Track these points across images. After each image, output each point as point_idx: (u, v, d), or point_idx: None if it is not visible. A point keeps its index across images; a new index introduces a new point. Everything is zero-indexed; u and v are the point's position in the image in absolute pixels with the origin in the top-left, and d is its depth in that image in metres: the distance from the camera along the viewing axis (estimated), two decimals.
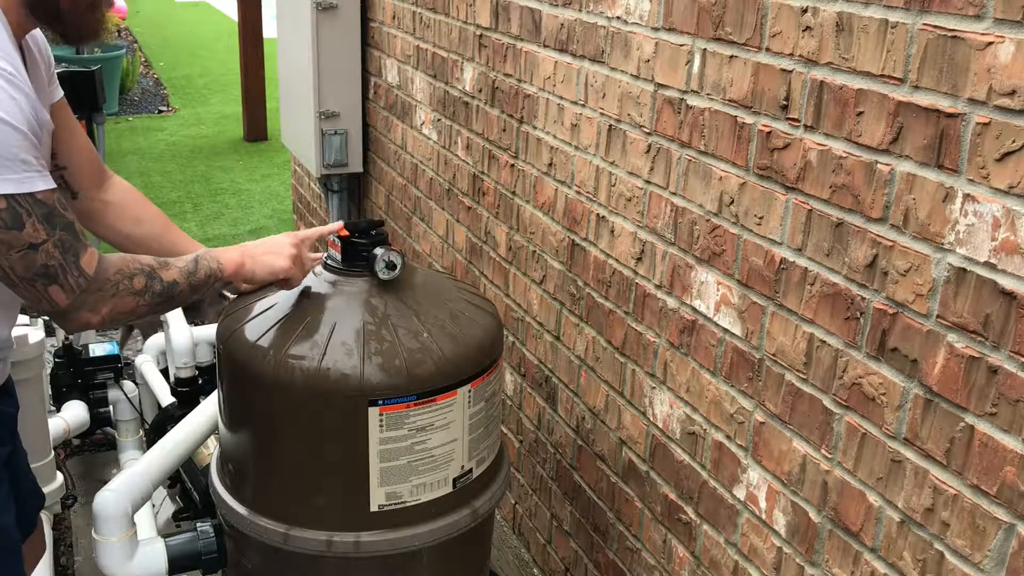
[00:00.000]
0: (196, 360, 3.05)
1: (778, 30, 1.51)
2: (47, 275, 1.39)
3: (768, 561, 1.65)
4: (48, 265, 1.38)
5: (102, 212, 1.84)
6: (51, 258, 1.38)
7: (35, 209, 1.35)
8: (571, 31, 2.13)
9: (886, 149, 1.33)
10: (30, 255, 1.36)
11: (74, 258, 1.41)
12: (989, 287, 1.20)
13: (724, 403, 1.74)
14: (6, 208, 1.32)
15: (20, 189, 1.33)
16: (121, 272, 1.48)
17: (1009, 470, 1.19)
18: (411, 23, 3.15)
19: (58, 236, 1.38)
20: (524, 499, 2.65)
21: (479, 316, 1.81)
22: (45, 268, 1.38)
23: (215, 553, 1.89)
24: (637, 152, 1.93)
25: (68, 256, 1.40)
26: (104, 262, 1.47)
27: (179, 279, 1.56)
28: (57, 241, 1.38)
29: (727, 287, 1.70)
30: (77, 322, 1.47)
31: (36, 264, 1.37)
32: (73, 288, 1.42)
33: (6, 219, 1.33)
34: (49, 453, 2.79)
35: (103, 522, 1.84)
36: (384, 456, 1.65)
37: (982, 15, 1.18)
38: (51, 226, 1.37)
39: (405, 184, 3.39)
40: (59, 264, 1.39)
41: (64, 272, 1.40)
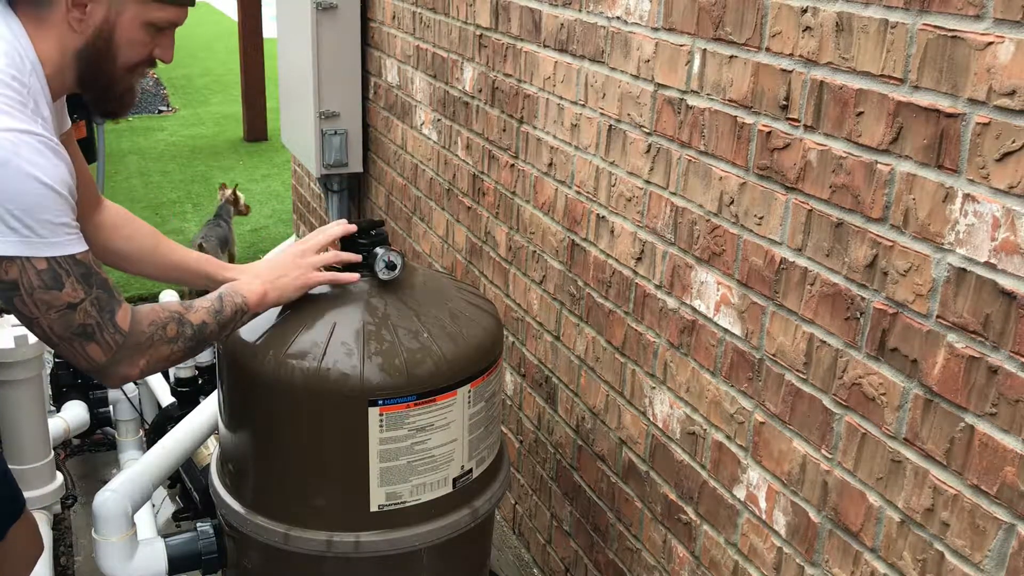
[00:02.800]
0: (196, 360, 3.06)
1: (778, 30, 1.51)
2: (84, 334, 1.42)
3: (768, 561, 1.65)
4: (86, 324, 1.41)
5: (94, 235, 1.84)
6: (88, 317, 1.41)
7: (74, 270, 1.38)
8: (571, 31, 2.13)
9: (886, 149, 1.34)
10: (68, 315, 1.40)
11: (110, 315, 1.44)
12: (989, 287, 1.20)
13: (724, 403, 1.74)
14: (46, 269, 1.36)
15: (61, 252, 1.36)
16: (154, 323, 1.50)
17: (1009, 470, 1.19)
18: (411, 23, 3.15)
19: (95, 295, 1.42)
20: (524, 499, 2.65)
21: (479, 316, 1.81)
22: (83, 327, 1.41)
23: (215, 553, 1.89)
24: (637, 152, 1.93)
25: (104, 314, 1.43)
26: (137, 315, 1.49)
27: (207, 319, 1.58)
28: (94, 299, 1.41)
29: (727, 287, 1.70)
30: (117, 377, 1.49)
31: (74, 323, 1.40)
32: (110, 344, 1.44)
33: (46, 280, 1.36)
34: (49, 453, 2.79)
35: (103, 522, 1.84)
36: (384, 456, 1.65)
37: (982, 15, 1.18)
38: (88, 285, 1.41)
39: (405, 184, 3.39)
40: (96, 322, 1.42)
41: (101, 330, 1.43)
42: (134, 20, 1.49)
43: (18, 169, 1.30)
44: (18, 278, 1.35)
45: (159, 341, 1.51)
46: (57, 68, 1.47)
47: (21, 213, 1.31)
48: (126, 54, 1.51)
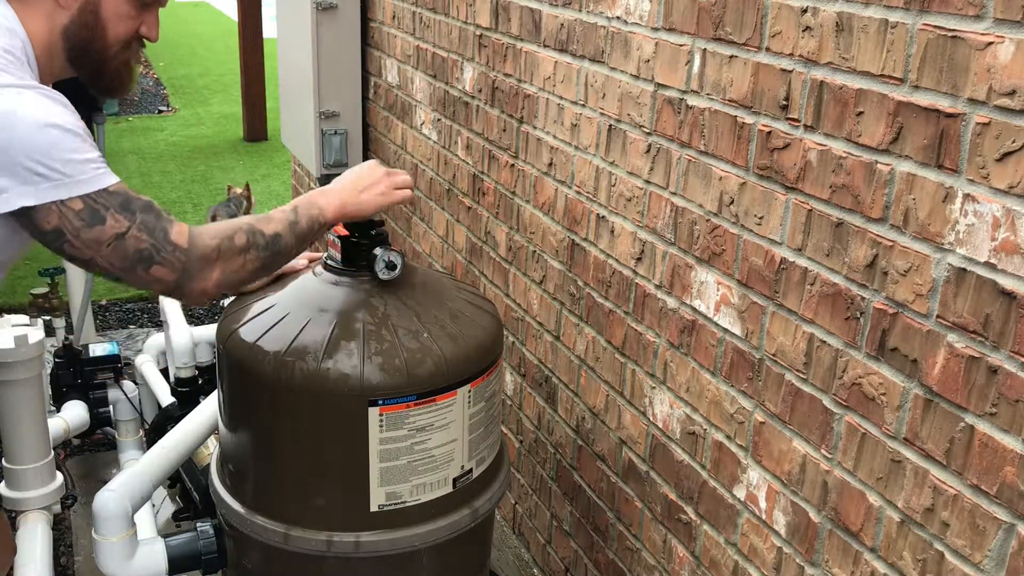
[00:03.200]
0: (196, 360, 3.06)
1: (778, 30, 1.51)
2: (143, 259, 1.41)
3: (768, 561, 1.65)
4: (140, 249, 1.41)
5: None
6: (140, 242, 1.41)
7: (110, 201, 1.38)
8: (571, 31, 2.13)
9: (886, 149, 1.33)
10: (120, 245, 1.39)
11: (163, 234, 1.43)
12: (989, 287, 1.20)
13: (724, 403, 1.74)
14: (84, 208, 1.36)
15: (93, 188, 1.36)
16: (217, 236, 1.49)
17: (1009, 470, 1.19)
18: (411, 23, 3.15)
19: (139, 220, 1.41)
20: (524, 499, 2.65)
21: (479, 316, 1.81)
22: (139, 253, 1.41)
23: (215, 553, 1.89)
24: (637, 152, 1.93)
25: (157, 234, 1.42)
26: (197, 231, 1.48)
27: (282, 231, 1.56)
28: (140, 225, 1.41)
29: (727, 287, 1.70)
30: (193, 293, 1.48)
31: (129, 252, 1.40)
32: (173, 263, 1.43)
33: (87, 218, 1.36)
34: (49, 453, 2.79)
35: (103, 522, 1.84)
36: (384, 456, 1.65)
37: (982, 15, 1.18)
38: (130, 212, 1.40)
39: None
40: (151, 245, 1.41)
41: (158, 251, 1.42)
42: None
43: (26, 118, 1.31)
44: (60, 224, 1.35)
45: (228, 251, 1.49)
46: (46, 48, 1.47)
47: (41, 157, 1.31)
48: (114, 28, 1.52)
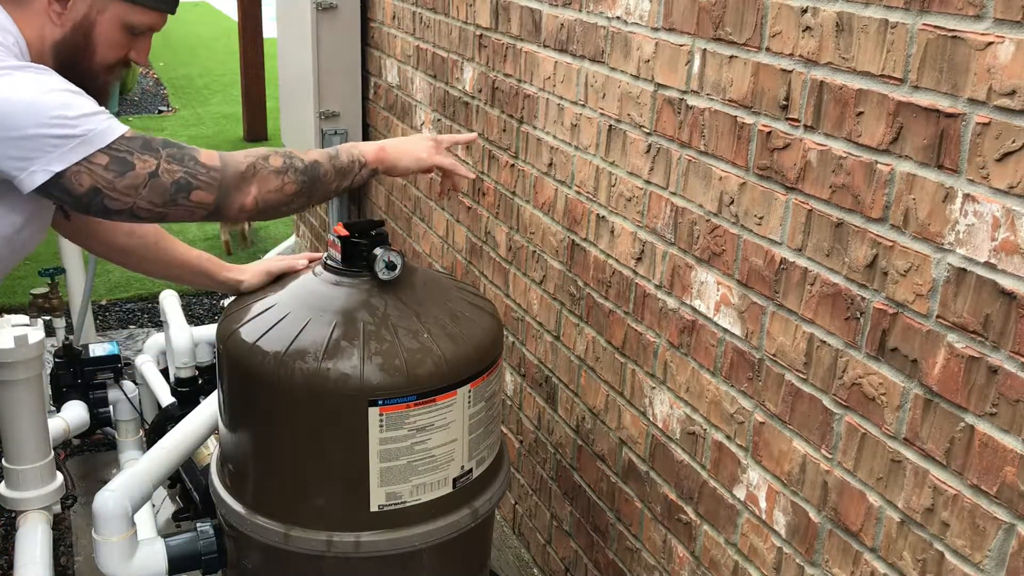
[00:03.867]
0: (196, 360, 3.06)
1: (778, 30, 1.51)
2: (181, 188, 1.43)
3: (768, 561, 1.65)
4: (176, 180, 1.43)
5: (97, 232, 1.85)
6: (173, 173, 1.43)
7: (131, 145, 1.41)
8: (571, 31, 2.13)
9: (886, 149, 1.34)
10: (154, 182, 1.42)
11: (192, 161, 1.45)
12: (989, 287, 1.20)
13: (724, 403, 1.74)
14: (110, 160, 1.38)
15: (111, 137, 1.38)
16: (251, 155, 1.51)
17: (1009, 470, 1.19)
18: (411, 23, 3.15)
19: (165, 153, 1.43)
20: (524, 499, 2.65)
21: (479, 316, 1.81)
22: (175, 183, 1.43)
23: (215, 553, 1.89)
24: (637, 152, 1.93)
25: (187, 162, 1.44)
26: (228, 154, 1.50)
27: (320, 160, 1.57)
28: (168, 157, 1.43)
29: (727, 287, 1.70)
30: (232, 210, 1.49)
31: (166, 184, 1.42)
32: (211, 183, 1.45)
33: (116, 168, 1.39)
34: (49, 453, 2.79)
35: (103, 522, 1.84)
36: (384, 456, 1.65)
37: (982, 15, 1.18)
38: (153, 150, 1.42)
39: (405, 184, 3.39)
40: (185, 172, 1.44)
41: (194, 176, 1.44)
42: (114, 20, 1.52)
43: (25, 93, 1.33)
44: (93, 182, 1.37)
45: (264, 169, 1.50)
46: (37, 54, 1.49)
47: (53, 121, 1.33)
48: (103, 52, 1.54)
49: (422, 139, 1.73)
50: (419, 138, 1.74)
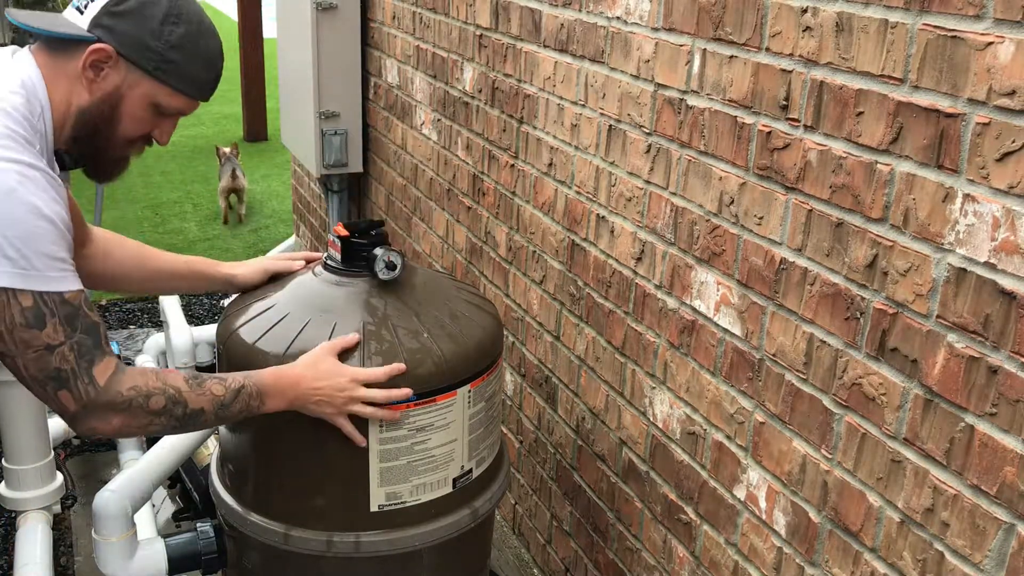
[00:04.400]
0: (196, 360, 3.06)
1: (778, 30, 1.51)
2: (58, 379, 1.39)
3: (768, 561, 1.65)
4: (61, 369, 1.38)
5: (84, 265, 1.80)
6: (65, 361, 1.38)
7: (59, 310, 1.35)
8: (571, 31, 2.13)
9: (886, 149, 1.33)
10: (45, 356, 1.36)
11: (88, 365, 1.40)
12: (989, 287, 1.20)
13: (724, 403, 1.74)
14: (32, 306, 1.33)
15: (49, 287, 1.33)
16: (136, 389, 1.45)
17: (1009, 470, 1.19)
18: (411, 23, 3.15)
19: (76, 339, 1.38)
20: (524, 499, 2.65)
21: (479, 316, 1.81)
22: (58, 371, 1.38)
23: (215, 553, 1.89)
24: (637, 152, 1.93)
25: (82, 362, 1.39)
26: (120, 376, 1.45)
27: (208, 408, 1.51)
28: (74, 344, 1.38)
29: (727, 287, 1.70)
30: (86, 427, 1.45)
31: (50, 366, 1.37)
32: (82, 396, 1.40)
33: (29, 317, 1.33)
34: (49, 453, 2.79)
35: (103, 522, 1.84)
36: (384, 456, 1.65)
37: (982, 15, 1.18)
38: (72, 328, 1.37)
39: (405, 184, 3.39)
40: (71, 369, 1.39)
41: (75, 378, 1.39)
42: (144, 98, 1.50)
43: (22, 199, 1.30)
44: (1, 312, 1.32)
45: (138, 408, 1.45)
46: (62, 117, 1.46)
47: (20, 242, 1.29)
48: (126, 127, 1.51)
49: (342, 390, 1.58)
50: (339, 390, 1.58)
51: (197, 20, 1.52)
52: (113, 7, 1.45)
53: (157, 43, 1.47)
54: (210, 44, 1.55)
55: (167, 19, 1.48)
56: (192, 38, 1.50)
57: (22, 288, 1.31)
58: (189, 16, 1.50)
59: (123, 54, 1.46)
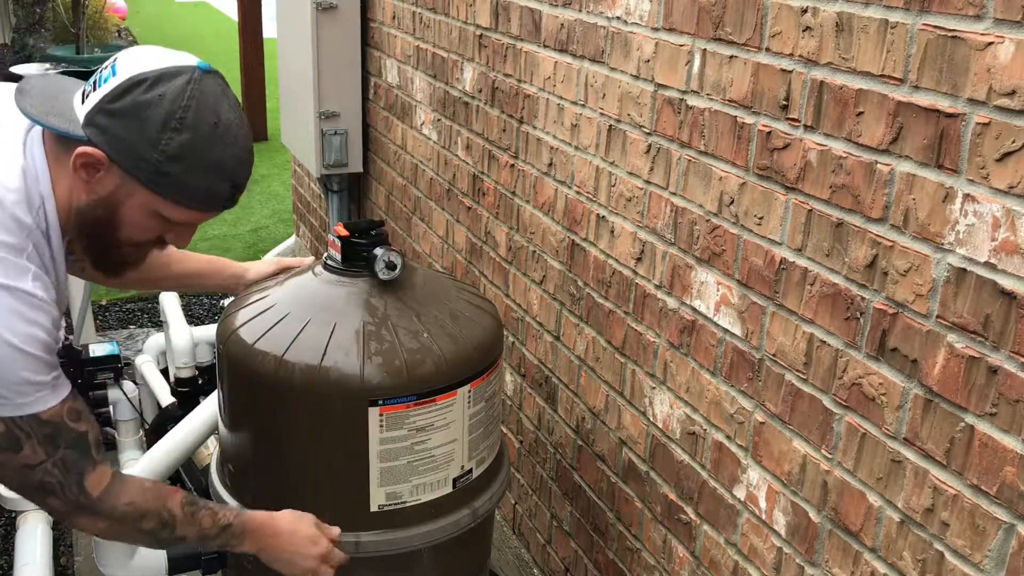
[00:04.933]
0: (196, 360, 3.05)
1: (778, 30, 1.51)
2: (44, 490, 1.37)
3: (768, 561, 1.65)
4: (45, 482, 1.36)
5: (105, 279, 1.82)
6: (48, 475, 1.35)
7: (36, 430, 1.31)
8: (571, 31, 2.13)
9: (886, 149, 1.33)
10: (26, 473, 1.34)
11: (77, 477, 1.37)
12: (989, 287, 1.20)
13: (724, 403, 1.74)
14: (4, 432, 1.29)
15: (20, 412, 1.29)
16: (133, 505, 1.44)
17: (1009, 470, 1.19)
18: (411, 23, 3.15)
19: (60, 455, 1.35)
20: (524, 499, 2.65)
21: (479, 316, 1.81)
22: (42, 484, 1.36)
23: (215, 553, 1.89)
24: (637, 152, 1.93)
25: (71, 475, 1.37)
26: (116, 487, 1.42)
27: (190, 536, 1.51)
28: (58, 460, 1.35)
29: (727, 287, 1.70)
30: (75, 525, 1.45)
31: (32, 481, 1.35)
32: (72, 501, 1.39)
33: (1, 442, 1.30)
34: None
35: None
36: (384, 456, 1.65)
37: (982, 15, 1.18)
38: (53, 446, 1.33)
39: (405, 184, 3.39)
40: (58, 482, 1.36)
41: (63, 488, 1.37)
42: (143, 207, 1.34)
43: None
44: None
45: (129, 524, 1.44)
46: (65, 211, 1.35)
47: None
48: (128, 232, 1.37)
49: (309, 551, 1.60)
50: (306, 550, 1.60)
51: (210, 123, 1.31)
52: (108, 104, 1.29)
53: (152, 153, 1.29)
54: (224, 152, 1.33)
55: (167, 125, 1.28)
56: (198, 148, 1.31)
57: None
58: (198, 119, 1.30)
59: (114, 159, 1.29)
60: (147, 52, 1.34)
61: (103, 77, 1.31)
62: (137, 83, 1.28)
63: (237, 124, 1.36)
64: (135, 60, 1.31)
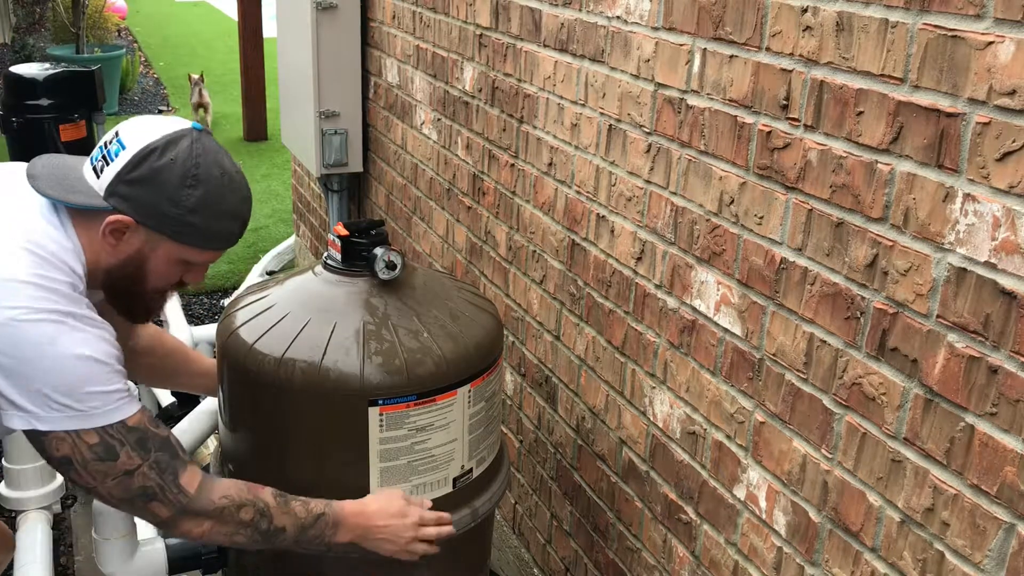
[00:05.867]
0: None
1: (778, 30, 1.51)
2: (145, 495, 1.43)
3: (768, 561, 1.65)
4: (146, 487, 1.42)
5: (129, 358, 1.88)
6: (147, 479, 1.42)
7: (127, 436, 1.40)
8: (571, 31, 2.13)
9: (886, 149, 1.33)
10: (126, 480, 1.41)
11: (173, 477, 1.45)
12: (989, 287, 1.20)
13: (724, 403, 1.74)
14: (98, 442, 1.38)
15: (110, 420, 1.38)
16: (229, 498, 1.50)
17: (1009, 470, 1.19)
18: (411, 23, 3.15)
19: (153, 458, 1.42)
20: (524, 499, 2.65)
21: (479, 316, 1.81)
22: (143, 489, 1.42)
23: (215, 553, 1.89)
24: (637, 152, 1.93)
25: (167, 476, 1.44)
26: (210, 484, 1.49)
27: (289, 528, 1.54)
28: (152, 463, 1.42)
29: (727, 287, 1.70)
30: (179, 531, 1.49)
31: (134, 487, 1.42)
32: (174, 503, 1.45)
33: (99, 452, 1.38)
34: None
35: (103, 522, 1.84)
36: (384, 456, 1.65)
37: (982, 15, 1.18)
38: (145, 450, 1.42)
39: (405, 184, 3.39)
40: (157, 485, 1.43)
41: (163, 490, 1.44)
42: (168, 257, 1.51)
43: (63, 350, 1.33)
44: (71, 454, 1.36)
45: (228, 517, 1.49)
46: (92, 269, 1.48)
47: (66, 391, 1.33)
48: (155, 281, 1.54)
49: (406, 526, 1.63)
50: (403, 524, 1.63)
51: (217, 175, 1.48)
52: (127, 175, 1.44)
53: (175, 209, 1.45)
54: (232, 198, 1.51)
55: (183, 183, 1.45)
56: (212, 198, 1.47)
57: (82, 428, 1.36)
58: (208, 174, 1.47)
59: (141, 222, 1.45)
60: (147, 122, 1.50)
61: (112, 152, 1.46)
62: (149, 152, 1.44)
63: (236, 171, 1.54)
64: (139, 131, 1.47)
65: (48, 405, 1.33)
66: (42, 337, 1.32)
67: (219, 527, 1.50)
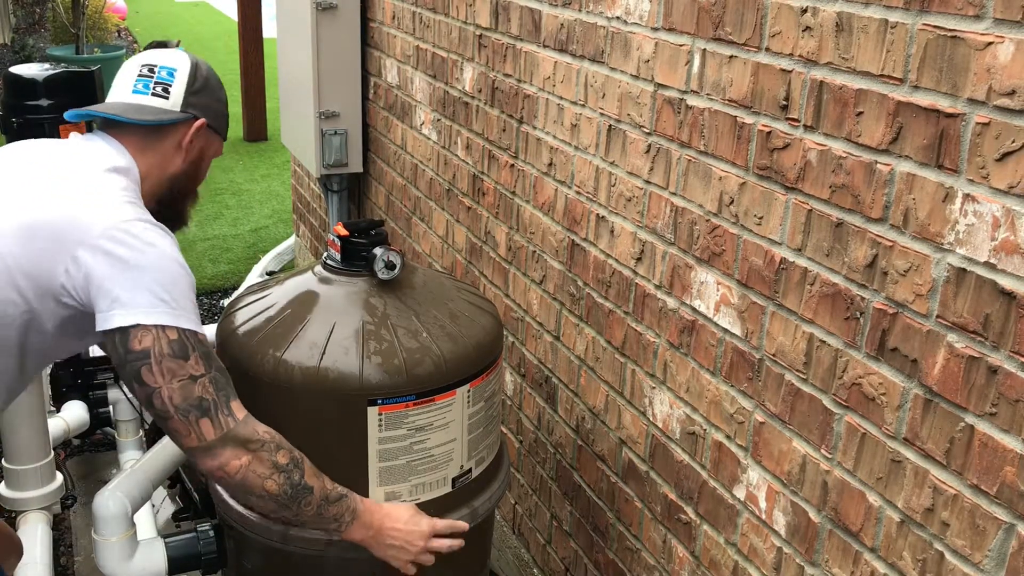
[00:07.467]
0: None
1: (778, 30, 1.51)
2: (200, 407, 1.47)
3: (768, 561, 1.65)
4: (203, 398, 1.47)
5: None
6: (206, 392, 1.47)
7: (198, 347, 1.48)
8: (571, 31, 2.13)
9: (886, 149, 1.33)
10: (189, 385, 1.46)
11: (226, 398, 1.50)
12: (989, 287, 1.20)
13: (724, 403, 1.74)
14: (176, 339, 1.45)
15: (190, 326, 1.47)
16: (271, 435, 1.53)
17: (1009, 470, 1.19)
18: (411, 23, 3.15)
19: (214, 374, 1.49)
20: (524, 499, 2.65)
21: (479, 316, 1.81)
22: (200, 400, 1.47)
23: (215, 553, 1.89)
24: (637, 152, 1.93)
25: (221, 395, 1.49)
26: (254, 420, 1.53)
27: (316, 490, 1.55)
28: (212, 379, 1.48)
29: (727, 287, 1.70)
30: (216, 460, 1.49)
31: (193, 395, 1.46)
32: (222, 425, 1.48)
33: (176, 349, 1.45)
34: (49, 453, 2.79)
35: (103, 522, 1.84)
36: (383, 456, 1.65)
37: (982, 15, 1.18)
38: (208, 364, 1.49)
39: (405, 184, 3.39)
40: (213, 399, 1.48)
41: (216, 408, 1.48)
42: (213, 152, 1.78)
43: (166, 252, 1.48)
44: (151, 346, 1.44)
45: (266, 454, 1.51)
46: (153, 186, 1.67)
47: (169, 287, 1.45)
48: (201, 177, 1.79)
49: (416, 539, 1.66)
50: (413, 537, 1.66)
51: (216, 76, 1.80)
52: (193, 87, 1.71)
53: (222, 107, 1.78)
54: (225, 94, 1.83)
55: (220, 86, 1.78)
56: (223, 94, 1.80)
57: (170, 324, 1.45)
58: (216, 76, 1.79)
59: (209, 124, 1.73)
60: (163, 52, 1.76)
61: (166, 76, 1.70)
62: (195, 68, 1.74)
63: None
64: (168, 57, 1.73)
65: (150, 299, 1.43)
66: (154, 238, 1.48)
67: (256, 465, 1.50)
